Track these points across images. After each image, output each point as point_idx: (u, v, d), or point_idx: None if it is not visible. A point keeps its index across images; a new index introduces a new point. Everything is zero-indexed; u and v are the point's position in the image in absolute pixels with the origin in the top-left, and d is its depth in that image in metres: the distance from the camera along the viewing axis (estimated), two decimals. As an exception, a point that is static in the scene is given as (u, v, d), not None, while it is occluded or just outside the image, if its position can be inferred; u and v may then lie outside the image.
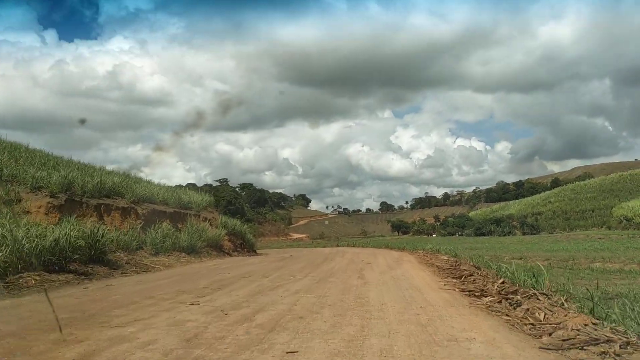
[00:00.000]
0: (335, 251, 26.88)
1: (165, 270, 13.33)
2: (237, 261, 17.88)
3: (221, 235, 22.49)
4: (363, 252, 26.03)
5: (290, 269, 13.97)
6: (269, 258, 19.88)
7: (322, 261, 17.43)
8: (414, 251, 25.38)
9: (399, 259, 18.47)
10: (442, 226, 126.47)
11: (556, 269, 21.05)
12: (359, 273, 13.20)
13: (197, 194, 25.89)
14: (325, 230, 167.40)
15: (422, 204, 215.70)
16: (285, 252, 30.23)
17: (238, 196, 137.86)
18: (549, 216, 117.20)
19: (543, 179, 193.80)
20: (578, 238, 66.74)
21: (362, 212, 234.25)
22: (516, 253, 37.46)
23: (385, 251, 28.05)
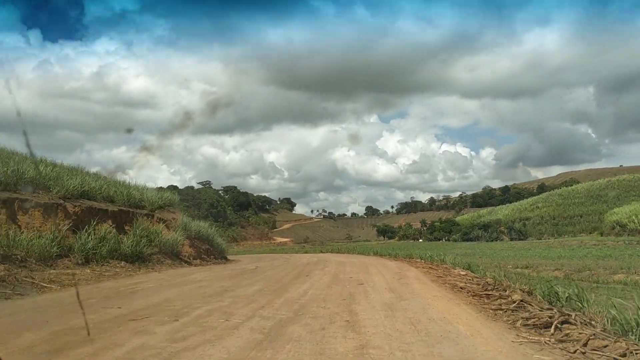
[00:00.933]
0: (316, 260, 22.28)
1: (40, 296, 8.56)
2: (178, 275, 13.66)
3: (178, 240, 18.51)
4: (350, 261, 21.52)
5: (235, 296, 9.14)
6: (226, 270, 15.34)
7: (293, 278, 12.59)
8: (411, 260, 21.36)
9: (401, 275, 13.48)
10: (429, 231, 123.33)
11: (578, 281, 17.48)
12: (348, 309, 7.93)
13: (153, 191, 21.84)
14: (310, 234, 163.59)
15: (407, 208, 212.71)
16: (259, 260, 26.38)
17: (221, 199, 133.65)
18: (536, 222, 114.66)
19: (529, 184, 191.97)
20: (571, 244, 63.70)
21: (347, 217, 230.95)
22: (517, 260, 34.10)
23: (377, 260, 23.78)
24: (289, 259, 25.42)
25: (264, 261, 23.95)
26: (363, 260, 21.92)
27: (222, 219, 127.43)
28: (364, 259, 25.60)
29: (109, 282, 10.72)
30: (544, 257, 42.64)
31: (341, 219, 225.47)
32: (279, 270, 15.25)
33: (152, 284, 10.38)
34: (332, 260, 22.15)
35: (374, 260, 22.44)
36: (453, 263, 16.97)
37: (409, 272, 13.51)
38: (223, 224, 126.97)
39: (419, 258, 21.97)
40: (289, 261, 21.91)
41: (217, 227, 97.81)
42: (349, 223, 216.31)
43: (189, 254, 19.86)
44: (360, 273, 13.49)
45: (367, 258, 26.62)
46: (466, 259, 39.48)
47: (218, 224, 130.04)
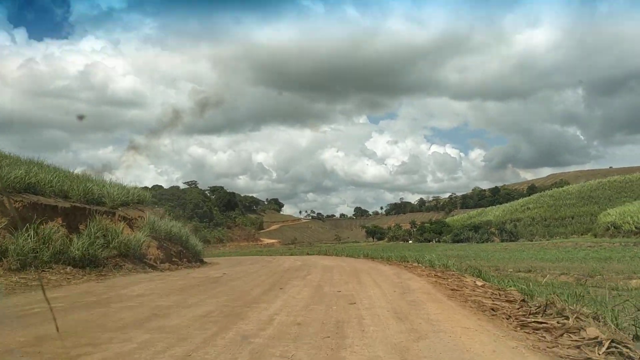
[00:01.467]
0: (299, 264, 19.81)
1: None
2: (117, 286, 10.84)
3: (142, 241, 16.15)
4: (338, 265, 19.01)
5: (162, 328, 6.36)
6: (186, 278, 12.16)
7: (263, 293, 9.49)
8: (407, 264, 18.87)
9: (404, 287, 10.46)
10: (419, 232, 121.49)
11: (593, 288, 15.38)
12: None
13: (116, 186, 19.38)
14: (298, 235, 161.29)
15: (397, 209, 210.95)
16: (237, 263, 24.00)
17: (207, 199, 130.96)
18: (527, 223, 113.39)
19: (518, 185, 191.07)
20: (565, 246, 62.01)
21: (336, 218, 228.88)
22: (516, 263, 32.10)
23: (368, 264, 21.19)
24: (269, 262, 23.11)
25: (241, 265, 21.68)
26: (353, 265, 19.68)
27: (208, 220, 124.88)
28: (354, 262, 23.41)
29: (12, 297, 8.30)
30: (541, 259, 40.76)
31: (330, 219, 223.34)
32: (250, 278, 12.72)
33: (64, 302, 7.87)
34: (318, 264, 19.86)
35: (365, 265, 20.20)
36: (459, 268, 14.78)
37: (412, 282, 11.01)
38: (209, 224, 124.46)
39: (415, 261, 19.77)
40: (268, 266, 19.61)
41: (202, 228, 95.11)
42: (337, 224, 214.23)
43: (156, 256, 17.56)
44: (350, 283, 10.89)
45: (358, 262, 24.42)
46: (460, 261, 37.63)
47: (204, 224, 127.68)
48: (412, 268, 15.63)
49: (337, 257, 31.51)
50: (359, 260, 26.10)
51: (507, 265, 29.46)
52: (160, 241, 18.86)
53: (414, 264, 17.91)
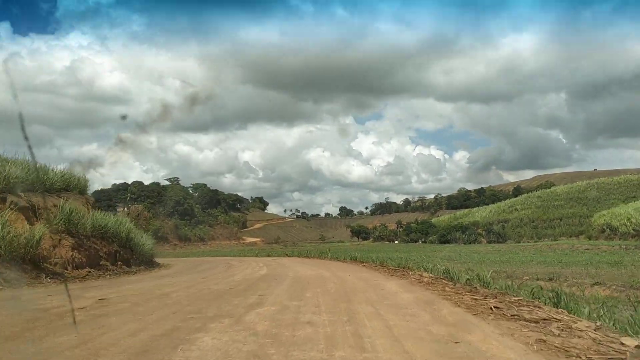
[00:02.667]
0: (260, 275, 14.99)
1: None
2: None
3: (35, 237, 11.34)
4: (319, 275, 13.84)
5: None
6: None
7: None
8: (418, 276, 13.68)
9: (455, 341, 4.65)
10: (405, 232, 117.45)
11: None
12: None
13: (20, 163, 14.36)
14: (281, 234, 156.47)
15: (382, 209, 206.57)
16: (191, 268, 19.36)
17: (188, 196, 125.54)
18: (515, 224, 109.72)
19: (504, 186, 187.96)
20: (562, 248, 58.01)
21: (321, 217, 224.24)
22: (523, 268, 27.77)
23: (360, 272, 16.18)
24: (229, 268, 18.24)
25: (189, 272, 16.87)
26: (340, 275, 14.34)
27: (189, 217, 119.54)
28: (340, 268, 18.41)
29: None
30: (544, 263, 36.41)
31: (315, 219, 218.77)
32: (147, 309, 6.96)
33: None
34: (290, 274, 14.77)
35: (356, 274, 15.26)
36: (482, 280, 10.10)
37: (471, 333, 4.92)
38: (190, 222, 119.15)
39: (423, 269, 15.00)
40: (215, 275, 14.74)
41: (183, 226, 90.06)
42: (322, 223, 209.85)
43: (67, 260, 12.69)
44: (337, 324, 5.65)
45: (345, 267, 19.25)
46: (458, 265, 33.06)
47: (184, 222, 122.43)
48: (429, 284, 10.61)
49: (319, 261, 26.68)
50: (346, 265, 21.25)
51: (514, 270, 25.00)
52: (81, 239, 14.00)
53: (424, 275, 13.07)
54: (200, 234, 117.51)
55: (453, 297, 7.84)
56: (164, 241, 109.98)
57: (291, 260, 27.01)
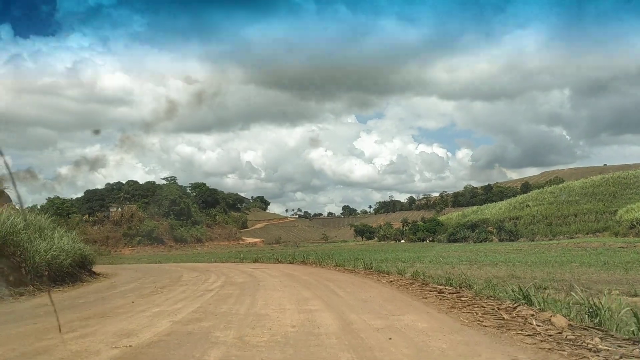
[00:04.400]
0: (208, 313, 8.24)
1: None
2: None
3: None
4: (313, 317, 7.72)
5: None
6: None
7: None
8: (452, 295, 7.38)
9: None
10: (411, 231, 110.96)
11: None
12: None
13: None
14: (283, 234, 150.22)
15: (386, 208, 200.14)
16: (132, 279, 13.06)
17: (185, 195, 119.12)
18: (528, 221, 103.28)
19: (511, 183, 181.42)
20: (592, 246, 51.49)
21: (323, 216, 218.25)
22: (581, 273, 21.36)
23: (407, 307, 8.94)
24: (140, 296, 11.36)
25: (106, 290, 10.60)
26: (349, 320, 7.62)
27: (186, 217, 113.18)
28: (359, 296, 11.06)
29: None
30: (594, 266, 29.83)
31: (317, 218, 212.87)
32: None
33: None
34: (260, 308, 8.43)
35: (381, 300, 8.74)
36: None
37: None
38: (186, 222, 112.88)
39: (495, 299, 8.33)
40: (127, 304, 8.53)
41: (179, 226, 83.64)
42: (325, 223, 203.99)
43: None
44: None
45: (367, 291, 11.67)
46: (485, 269, 26.56)
47: (180, 222, 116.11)
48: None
49: (318, 272, 19.92)
50: (371, 289, 12.69)
51: (579, 278, 18.42)
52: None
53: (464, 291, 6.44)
54: (197, 235, 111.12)
55: None
56: (159, 243, 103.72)
57: (278, 271, 20.37)
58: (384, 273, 16.54)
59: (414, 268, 21.57)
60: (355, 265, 20.37)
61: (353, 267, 19.87)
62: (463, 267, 31.38)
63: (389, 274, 16.02)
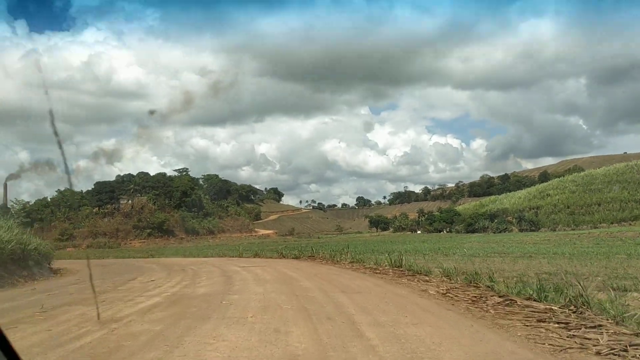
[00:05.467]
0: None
1: None
2: None
3: None
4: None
5: None
6: None
7: None
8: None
9: None
10: (428, 222, 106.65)
11: None
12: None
13: None
14: (297, 226, 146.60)
15: (401, 198, 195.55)
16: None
17: (196, 187, 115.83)
18: (549, 210, 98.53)
19: (528, 172, 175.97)
20: (626, 236, 47.11)
21: (337, 208, 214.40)
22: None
23: (462, 332, 6.16)
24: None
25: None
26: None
27: (197, 209, 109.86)
28: (390, 326, 6.75)
29: None
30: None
31: (331, 209, 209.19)
32: None
33: None
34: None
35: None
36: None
37: None
38: (198, 214, 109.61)
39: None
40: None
41: (190, 218, 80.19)
42: (339, 214, 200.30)
43: None
44: None
45: (404, 327, 6.75)
46: (533, 263, 22.55)
47: (192, 214, 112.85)
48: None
49: (327, 271, 15.70)
50: (422, 317, 7.55)
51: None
52: None
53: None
54: (209, 227, 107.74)
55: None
56: (170, 235, 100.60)
57: (273, 271, 16.29)
58: (421, 273, 12.54)
59: (448, 263, 17.56)
60: (379, 261, 16.25)
61: (375, 264, 15.75)
62: (496, 260, 27.37)
63: (429, 275, 12.00)
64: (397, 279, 12.35)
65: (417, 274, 12.59)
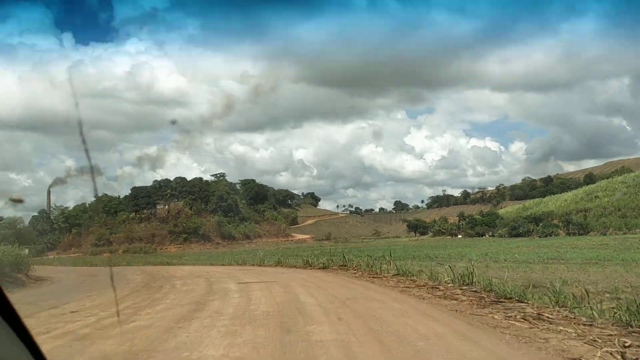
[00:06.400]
0: None
1: None
2: None
3: None
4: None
5: None
6: None
7: None
8: None
9: None
10: (469, 225, 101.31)
11: None
12: None
13: None
14: (334, 230, 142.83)
15: (439, 202, 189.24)
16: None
17: (232, 191, 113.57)
18: (598, 213, 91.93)
19: (573, 174, 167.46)
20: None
21: (375, 212, 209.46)
22: None
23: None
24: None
25: None
26: None
27: (234, 214, 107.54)
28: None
29: None
30: None
31: (368, 214, 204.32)
32: None
33: None
34: None
35: None
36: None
37: None
38: (234, 219, 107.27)
39: None
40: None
41: (226, 223, 77.68)
42: (376, 218, 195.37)
43: None
44: None
45: None
46: (614, 274, 19.65)
47: (228, 218, 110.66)
48: None
49: (363, 294, 10.72)
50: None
51: None
52: None
53: None
54: (245, 232, 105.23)
55: None
56: (206, 240, 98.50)
57: (278, 296, 11.34)
58: (511, 298, 8.48)
59: (504, 272, 13.72)
60: (434, 274, 12.02)
61: (431, 279, 11.62)
62: (559, 267, 23.26)
63: (527, 301, 7.90)
64: (481, 313, 7.94)
65: (506, 300, 8.43)
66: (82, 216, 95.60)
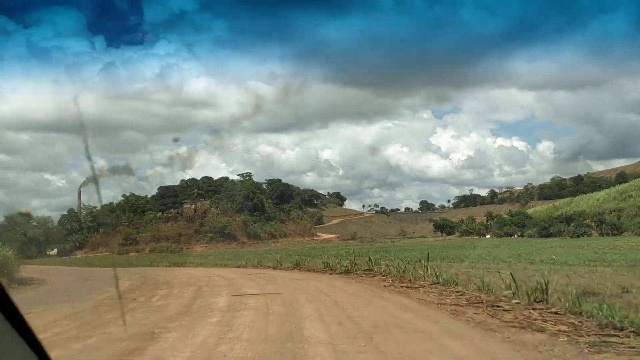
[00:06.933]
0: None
1: None
2: None
3: None
4: None
5: None
6: None
7: None
8: None
9: None
10: (497, 225, 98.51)
11: None
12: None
13: None
14: (359, 230, 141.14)
15: (466, 202, 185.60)
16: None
17: (258, 191, 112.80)
18: (632, 213, 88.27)
19: (605, 173, 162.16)
20: None
21: (400, 212, 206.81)
22: None
23: None
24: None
25: None
26: None
27: (259, 213, 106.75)
28: None
29: None
30: None
31: (394, 214, 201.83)
32: None
33: None
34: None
35: None
36: None
37: None
38: (260, 218, 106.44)
39: None
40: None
41: (252, 222, 76.80)
42: (402, 218, 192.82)
43: None
44: None
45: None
46: None
47: (254, 218, 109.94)
48: None
49: (398, 322, 7.49)
50: None
51: None
52: None
53: None
54: (271, 231, 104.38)
55: None
56: (232, 239, 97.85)
57: (294, 306, 9.75)
58: (626, 329, 5.86)
59: (560, 276, 11.95)
60: (485, 283, 9.50)
61: (483, 291, 9.05)
62: (606, 271, 21.36)
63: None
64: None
65: (619, 332, 5.80)
66: (110, 215, 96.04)
